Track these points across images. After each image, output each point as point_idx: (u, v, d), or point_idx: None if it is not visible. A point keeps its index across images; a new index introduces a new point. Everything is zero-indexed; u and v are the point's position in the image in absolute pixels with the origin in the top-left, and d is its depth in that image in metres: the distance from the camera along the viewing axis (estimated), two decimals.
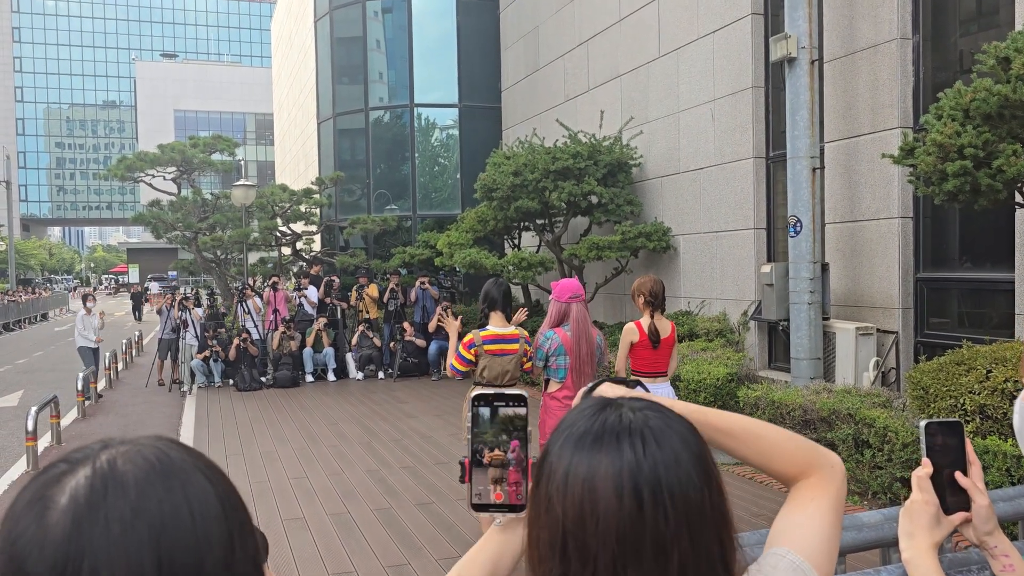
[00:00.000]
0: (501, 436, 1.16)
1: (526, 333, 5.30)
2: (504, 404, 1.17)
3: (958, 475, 1.43)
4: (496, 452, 1.16)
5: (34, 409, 8.57)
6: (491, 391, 1.17)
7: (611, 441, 0.93)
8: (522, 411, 1.17)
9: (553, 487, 0.93)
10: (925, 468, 1.43)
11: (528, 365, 5.27)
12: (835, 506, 1.15)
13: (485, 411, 1.17)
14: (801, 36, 7.95)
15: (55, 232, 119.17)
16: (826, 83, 8.61)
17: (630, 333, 5.60)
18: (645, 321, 5.61)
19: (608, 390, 1.14)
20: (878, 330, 8.07)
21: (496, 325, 5.24)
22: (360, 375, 14.06)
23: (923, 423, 1.45)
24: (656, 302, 5.63)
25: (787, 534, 1.12)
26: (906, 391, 6.56)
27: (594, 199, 11.73)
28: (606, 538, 0.89)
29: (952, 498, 1.43)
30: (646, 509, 0.88)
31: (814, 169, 8.09)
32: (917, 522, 1.41)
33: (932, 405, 5.82)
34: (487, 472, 1.17)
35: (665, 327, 5.64)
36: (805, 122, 8.01)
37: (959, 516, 1.43)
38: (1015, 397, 5.29)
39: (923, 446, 1.45)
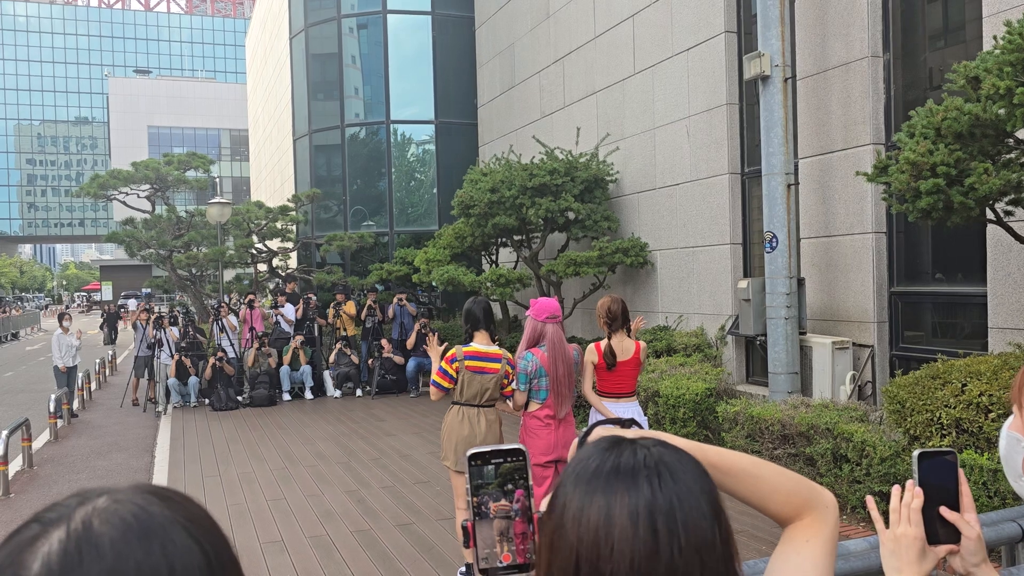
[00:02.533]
0: (506, 486, 1.15)
1: (510, 356, 5.27)
2: (503, 460, 1.16)
3: (944, 511, 1.41)
4: (502, 503, 1.15)
5: (4, 432, 8.43)
6: (487, 449, 1.16)
7: (627, 475, 0.94)
8: (521, 464, 1.16)
9: (568, 516, 0.95)
10: (918, 499, 1.41)
11: (509, 389, 5.23)
12: (829, 547, 1.17)
13: (487, 467, 1.16)
14: (774, 54, 8.04)
15: (26, 249, 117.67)
16: (799, 100, 8.72)
17: (590, 354, 5.62)
18: (604, 342, 5.62)
19: (602, 432, 1.13)
20: (854, 344, 8.14)
21: (480, 343, 5.22)
22: (338, 393, 13.97)
23: (916, 452, 1.43)
24: (615, 323, 5.61)
25: (785, 575, 1.14)
26: (883, 405, 6.61)
27: (571, 215, 11.77)
28: (620, 566, 0.90)
29: (943, 530, 1.42)
30: (661, 540, 0.90)
31: (789, 185, 8.18)
32: (904, 557, 1.40)
33: (908, 419, 5.87)
34: (493, 525, 1.15)
35: (628, 348, 5.61)
36: (779, 139, 8.09)
37: (944, 548, 1.42)
38: (990, 411, 5.35)
39: (916, 476, 1.43)
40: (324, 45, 18.95)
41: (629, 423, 1.17)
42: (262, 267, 19.73)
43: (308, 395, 13.86)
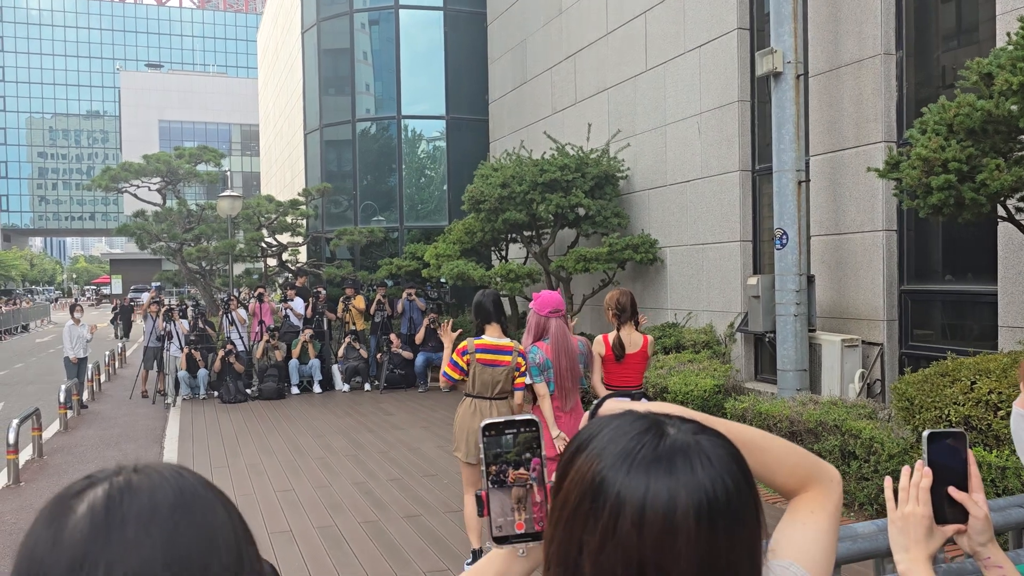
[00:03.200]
0: (524, 455, 1.17)
1: (521, 347, 5.28)
2: (517, 430, 1.17)
3: (952, 491, 1.43)
4: (521, 471, 1.17)
5: (15, 421, 8.48)
6: (501, 420, 1.18)
7: (677, 462, 0.90)
8: (536, 433, 1.18)
9: (627, 511, 0.89)
10: (927, 478, 1.43)
11: (520, 381, 5.23)
12: (834, 521, 1.19)
13: (504, 437, 1.17)
14: (787, 51, 8.03)
15: (36, 243, 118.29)
16: (811, 97, 8.70)
17: (598, 346, 5.63)
18: (612, 334, 5.63)
19: (613, 405, 1.15)
20: (863, 342, 8.13)
21: (491, 335, 5.23)
22: (346, 387, 14.02)
23: (926, 432, 1.45)
24: (624, 315, 5.62)
25: (789, 547, 1.15)
26: (891, 402, 6.61)
27: (581, 211, 11.77)
28: (688, 564, 0.86)
29: (951, 509, 1.43)
30: (720, 532, 0.87)
31: (800, 182, 8.17)
32: (912, 535, 1.42)
33: (917, 416, 5.86)
34: (511, 493, 1.17)
35: (635, 341, 5.62)
36: (791, 136, 8.08)
37: (952, 528, 1.43)
38: (999, 408, 5.34)
39: (925, 455, 1.44)
40: (336, 40, 18.98)
41: (638, 397, 1.19)
42: (272, 262, 19.81)
43: (317, 389, 13.91)
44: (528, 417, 1.18)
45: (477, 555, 5.21)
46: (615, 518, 0.89)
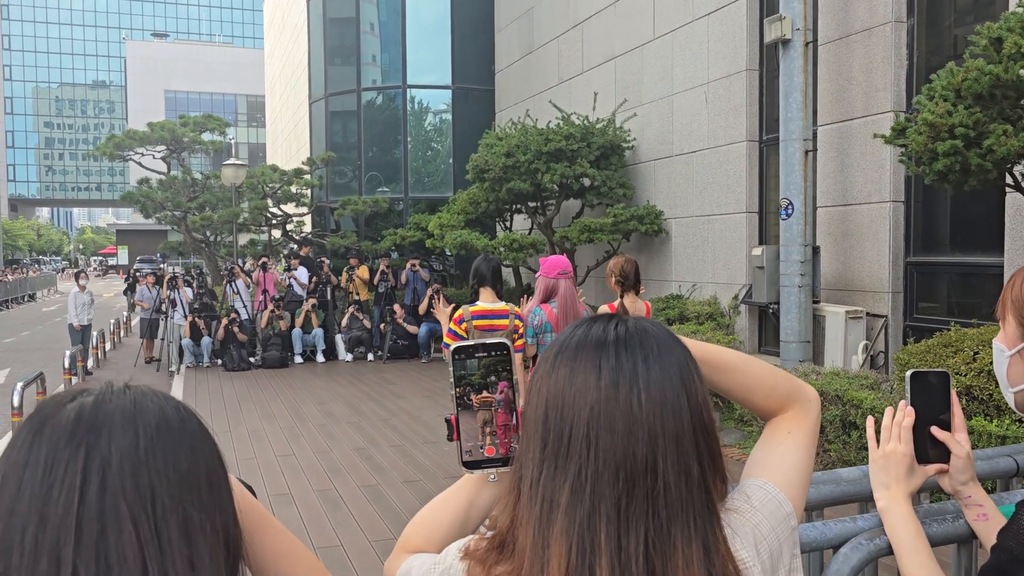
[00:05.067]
0: (489, 378, 1.15)
1: (517, 309, 5.27)
2: (486, 354, 1.15)
3: (935, 430, 1.43)
4: (484, 394, 1.15)
5: (20, 385, 8.50)
6: (471, 343, 1.16)
7: (598, 343, 1.00)
8: (505, 356, 1.15)
9: (540, 375, 1.01)
10: (908, 417, 1.42)
11: (520, 343, 5.22)
12: (810, 440, 1.18)
13: (470, 361, 1.15)
14: (796, 18, 7.92)
15: (43, 213, 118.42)
16: (820, 66, 8.59)
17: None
18: (617, 302, 5.59)
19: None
20: (868, 314, 8.08)
21: (486, 301, 5.21)
22: (349, 357, 14.03)
23: (910, 372, 1.44)
24: (627, 282, 5.57)
25: (764, 466, 1.15)
26: (894, 373, 6.57)
27: (586, 181, 11.70)
28: (580, 412, 0.96)
29: (933, 450, 1.43)
30: (621, 392, 0.96)
31: (807, 152, 8.09)
32: (892, 473, 1.42)
33: None
34: (476, 416, 1.15)
35: (639, 309, 5.58)
36: (798, 104, 7.99)
37: (934, 467, 1.43)
38: None
39: (908, 394, 1.44)
40: (342, 9, 18.81)
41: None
42: (276, 232, 19.78)
43: (320, 358, 13.92)
44: (499, 341, 1.16)
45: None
46: (535, 386, 1.02)
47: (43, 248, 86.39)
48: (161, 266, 16.37)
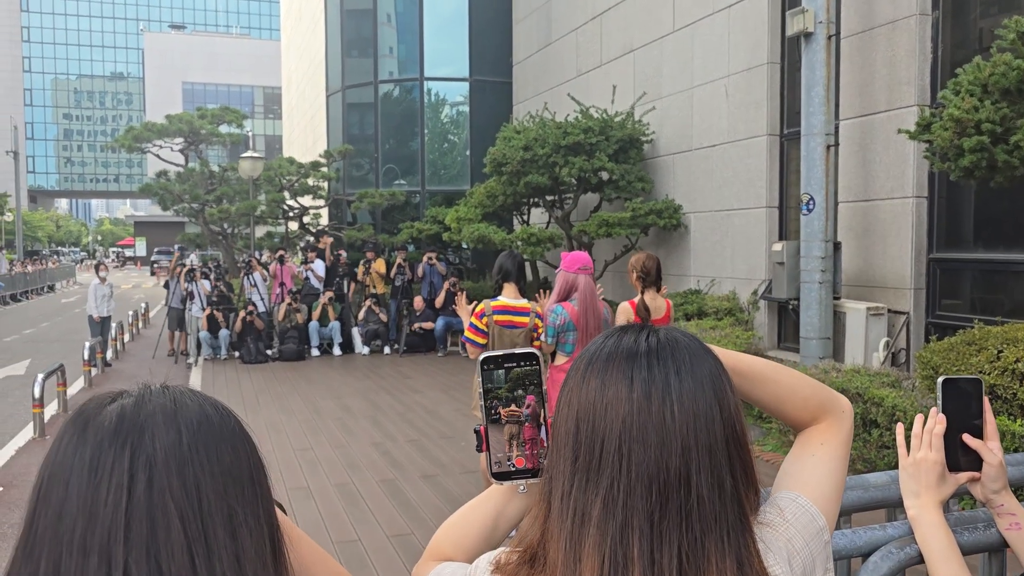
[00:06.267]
0: (516, 391, 1.13)
1: (539, 307, 5.23)
2: (515, 364, 1.14)
3: (967, 437, 1.40)
4: (512, 408, 1.13)
5: (40, 376, 8.57)
6: (500, 352, 1.14)
7: (629, 355, 0.99)
8: (535, 368, 1.14)
9: (570, 387, 1.01)
10: (940, 425, 1.40)
11: (539, 343, 5.18)
12: (843, 451, 1.17)
13: (498, 372, 1.14)
14: (818, 10, 7.83)
15: (62, 204, 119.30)
16: (843, 59, 8.49)
17: (624, 312, 5.53)
18: (637, 299, 5.55)
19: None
20: (889, 310, 8.00)
21: (508, 297, 5.18)
22: (366, 350, 14.05)
23: (941, 379, 1.42)
24: (648, 278, 5.53)
25: (796, 478, 1.13)
26: (915, 371, 6.50)
27: (605, 175, 11.65)
28: (612, 424, 0.95)
29: (964, 457, 1.41)
30: (653, 403, 0.95)
31: (828, 147, 8.00)
32: (923, 480, 1.40)
33: None
34: (503, 430, 1.14)
35: (659, 306, 5.54)
36: (820, 98, 7.91)
37: (965, 475, 1.41)
38: None
39: (939, 401, 1.42)
40: (359, 1, 18.79)
41: None
42: (293, 225, 19.82)
43: (336, 351, 13.95)
44: (528, 351, 1.14)
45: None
46: (566, 399, 1.01)
47: (62, 239, 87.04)
48: (191, 257, 16.45)
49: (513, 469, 1.14)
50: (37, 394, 8.40)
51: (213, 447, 0.83)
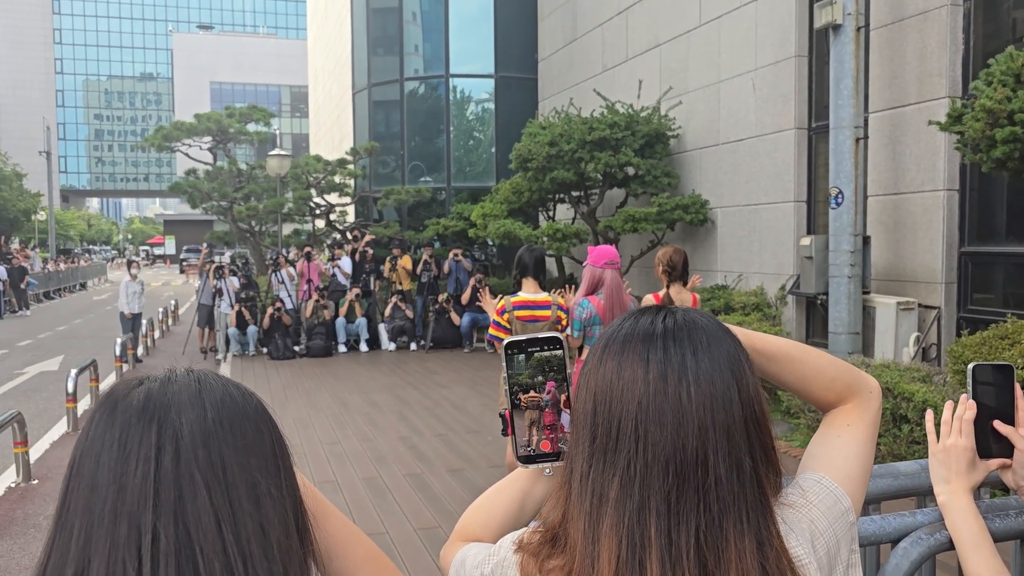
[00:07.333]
0: (537, 377, 1.14)
1: (560, 300, 5.24)
2: (538, 348, 1.14)
3: (998, 424, 1.39)
4: (532, 394, 1.14)
5: (74, 372, 8.70)
6: (524, 337, 1.14)
7: (646, 336, 1.00)
8: (558, 353, 1.14)
9: (588, 369, 1.02)
10: (970, 411, 1.38)
11: (564, 335, 5.18)
12: (871, 433, 1.15)
13: (519, 357, 1.14)
14: (847, 2, 7.74)
15: (93, 203, 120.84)
16: (872, 51, 8.40)
17: (647, 304, 5.50)
18: (662, 292, 5.54)
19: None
20: (920, 305, 7.91)
21: (528, 291, 5.19)
22: (392, 346, 14.11)
23: (972, 365, 1.40)
24: (674, 272, 5.52)
25: (822, 459, 1.12)
26: (947, 366, 6.42)
27: (631, 170, 11.61)
28: (628, 406, 0.95)
29: (995, 444, 1.39)
30: (670, 384, 0.95)
31: (857, 139, 7.92)
32: (953, 467, 1.38)
33: None
34: (524, 415, 1.14)
35: (685, 300, 5.52)
36: (849, 91, 7.83)
37: (996, 461, 1.40)
38: None
39: (969, 388, 1.40)
40: None
41: None
42: (320, 222, 19.94)
43: (363, 347, 14.02)
44: (552, 335, 1.14)
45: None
46: (583, 380, 1.01)
47: (93, 238, 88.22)
48: (220, 255, 16.71)
49: (540, 452, 1.15)
50: (70, 389, 8.53)
51: (237, 423, 0.87)
